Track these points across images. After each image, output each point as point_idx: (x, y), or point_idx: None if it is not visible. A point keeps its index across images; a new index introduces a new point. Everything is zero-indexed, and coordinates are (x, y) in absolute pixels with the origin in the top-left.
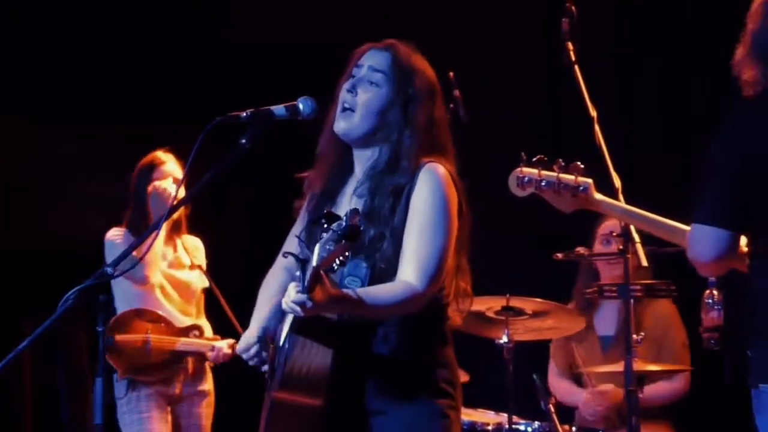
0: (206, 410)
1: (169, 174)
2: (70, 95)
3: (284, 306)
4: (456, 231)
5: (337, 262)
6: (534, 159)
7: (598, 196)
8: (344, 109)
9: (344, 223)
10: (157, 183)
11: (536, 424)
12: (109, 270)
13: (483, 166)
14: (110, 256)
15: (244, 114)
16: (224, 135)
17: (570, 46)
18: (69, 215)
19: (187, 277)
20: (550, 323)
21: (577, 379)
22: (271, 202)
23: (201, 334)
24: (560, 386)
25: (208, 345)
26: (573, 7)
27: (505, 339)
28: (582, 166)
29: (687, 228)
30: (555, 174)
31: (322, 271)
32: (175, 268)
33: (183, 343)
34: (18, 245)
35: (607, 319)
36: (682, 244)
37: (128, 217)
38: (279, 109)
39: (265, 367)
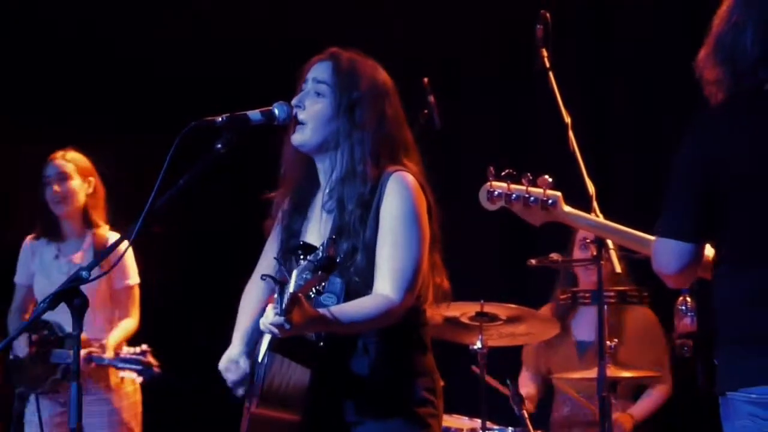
0: None
1: (50, 176)
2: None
3: (262, 327)
4: (428, 237)
5: (314, 290)
6: (503, 173)
7: (567, 208)
8: (297, 123)
9: (320, 254)
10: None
11: (510, 429)
12: (83, 273)
13: (456, 172)
14: (20, 265)
15: (220, 118)
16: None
17: (544, 52)
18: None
19: None
20: (523, 329)
21: (549, 385)
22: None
23: None
24: (529, 390)
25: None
26: (547, 14)
27: (479, 345)
28: (550, 179)
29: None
30: (524, 188)
31: (299, 295)
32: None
33: None
34: None
35: (585, 325)
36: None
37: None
38: (255, 114)
39: (240, 391)
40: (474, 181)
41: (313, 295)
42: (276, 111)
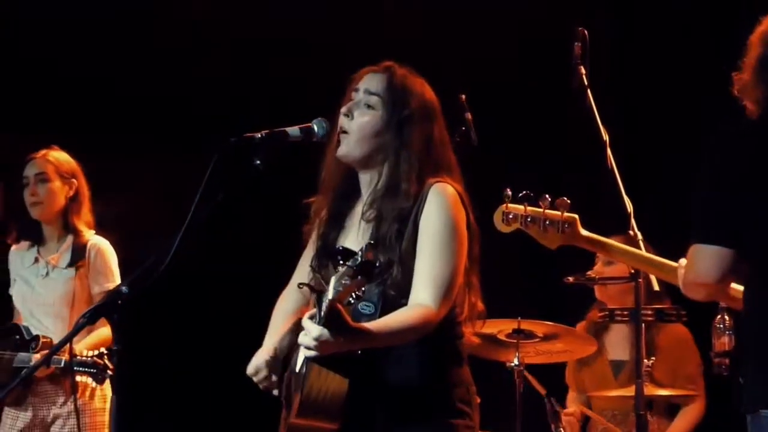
0: None
1: (28, 176)
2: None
3: (300, 341)
4: (466, 249)
5: (353, 296)
6: (520, 195)
7: (584, 231)
8: (341, 132)
9: (359, 259)
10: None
11: None
12: (123, 288)
13: (494, 188)
14: (11, 275)
15: (259, 135)
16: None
17: (582, 70)
18: None
19: None
20: (560, 346)
21: (588, 403)
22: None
23: None
24: (575, 410)
25: None
26: (585, 32)
27: (515, 362)
28: (569, 201)
29: (674, 264)
30: (541, 210)
31: (338, 306)
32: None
33: None
34: None
35: (617, 344)
36: (668, 280)
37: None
38: (293, 130)
39: (276, 391)
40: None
41: (352, 301)
42: (315, 127)
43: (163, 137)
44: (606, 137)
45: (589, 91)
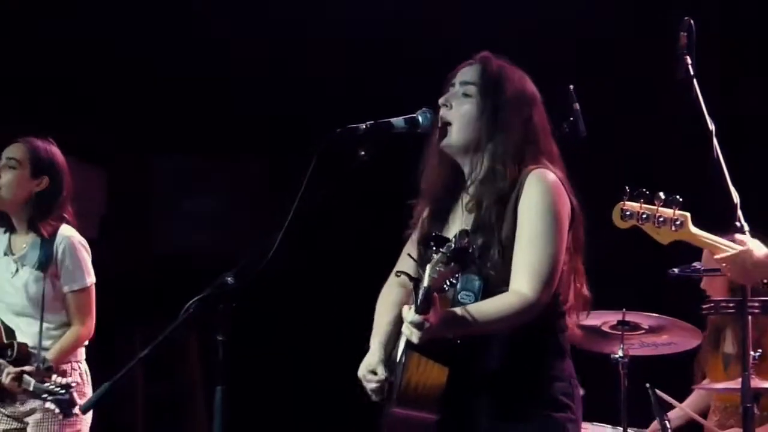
0: None
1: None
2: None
3: (404, 331)
4: (566, 236)
5: (447, 283)
6: (636, 192)
7: (694, 229)
8: (442, 124)
9: (453, 246)
10: None
11: None
12: (228, 279)
13: (599, 179)
14: None
15: (363, 126)
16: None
17: (688, 60)
18: (171, 228)
19: None
20: (665, 338)
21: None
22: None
23: None
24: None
25: None
26: (691, 21)
27: (620, 354)
28: (681, 199)
29: None
30: (655, 208)
31: (434, 293)
32: None
33: None
34: (125, 258)
35: (730, 336)
36: None
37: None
38: (398, 121)
39: (378, 397)
40: (616, 188)
41: (447, 288)
42: (419, 118)
43: (267, 132)
44: (712, 127)
45: (695, 81)
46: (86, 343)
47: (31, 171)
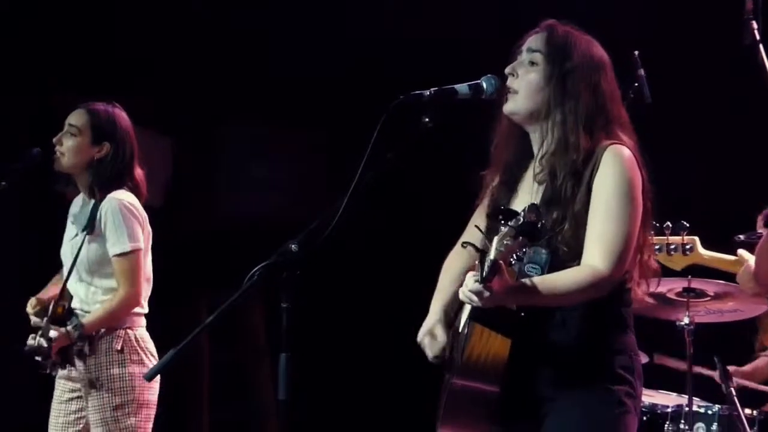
0: None
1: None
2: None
3: (461, 296)
4: (641, 213)
5: (514, 257)
6: None
7: (704, 251)
8: (509, 92)
9: (522, 220)
10: None
11: (717, 407)
12: (293, 246)
13: (665, 147)
14: None
15: (427, 92)
16: None
17: (754, 24)
18: (236, 197)
19: None
20: (731, 305)
21: None
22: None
23: None
24: None
25: None
26: None
27: (686, 321)
28: (687, 225)
29: None
30: (665, 238)
31: (501, 263)
32: None
33: None
34: (191, 226)
35: None
36: None
37: None
38: (462, 87)
39: (436, 361)
40: (683, 154)
41: (513, 262)
42: (484, 84)
43: (332, 101)
44: None
45: (761, 46)
46: (137, 310)
47: (91, 138)
